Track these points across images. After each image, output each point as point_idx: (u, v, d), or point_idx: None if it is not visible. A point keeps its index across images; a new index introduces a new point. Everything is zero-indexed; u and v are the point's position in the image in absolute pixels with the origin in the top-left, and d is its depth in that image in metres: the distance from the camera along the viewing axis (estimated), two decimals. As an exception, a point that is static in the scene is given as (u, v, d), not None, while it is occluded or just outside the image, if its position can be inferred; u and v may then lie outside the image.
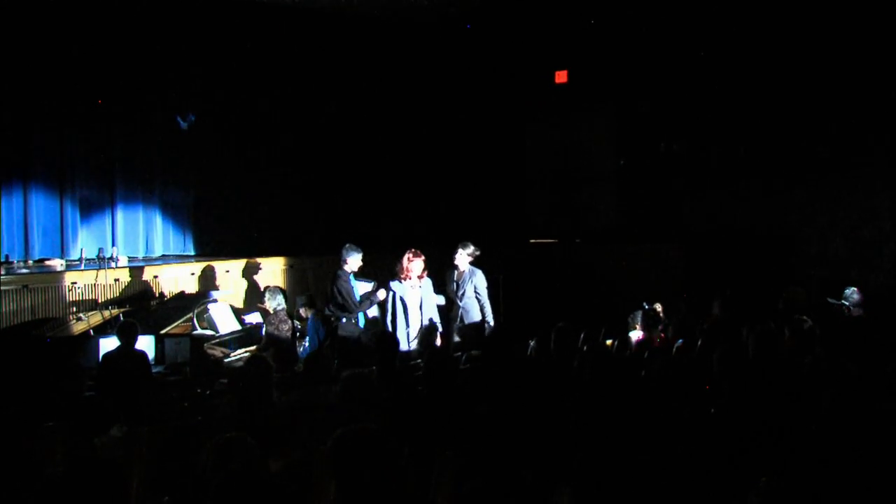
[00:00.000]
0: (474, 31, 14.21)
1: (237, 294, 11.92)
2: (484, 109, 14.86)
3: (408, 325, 9.40)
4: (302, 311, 10.08)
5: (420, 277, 9.52)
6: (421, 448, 4.38)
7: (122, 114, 12.78)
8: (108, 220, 12.88)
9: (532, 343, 8.42)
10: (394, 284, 9.51)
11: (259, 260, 12.32)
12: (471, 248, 9.84)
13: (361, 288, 9.80)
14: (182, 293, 11.49)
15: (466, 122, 14.82)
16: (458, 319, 9.83)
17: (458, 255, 9.85)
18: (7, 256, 11.84)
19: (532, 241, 15.21)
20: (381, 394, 5.52)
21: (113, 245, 12.43)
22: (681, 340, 7.94)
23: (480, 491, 3.05)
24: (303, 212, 14.28)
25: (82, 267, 11.36)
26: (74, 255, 12.20)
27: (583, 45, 14.07)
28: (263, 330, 9.69)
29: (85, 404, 6.21)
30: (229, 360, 9.26)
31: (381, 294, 9.55)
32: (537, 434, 4.69)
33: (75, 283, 10.74)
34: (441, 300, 9.83)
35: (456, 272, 9.89)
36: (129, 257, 12.68)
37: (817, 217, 12.29)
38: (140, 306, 10.93)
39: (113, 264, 11.43)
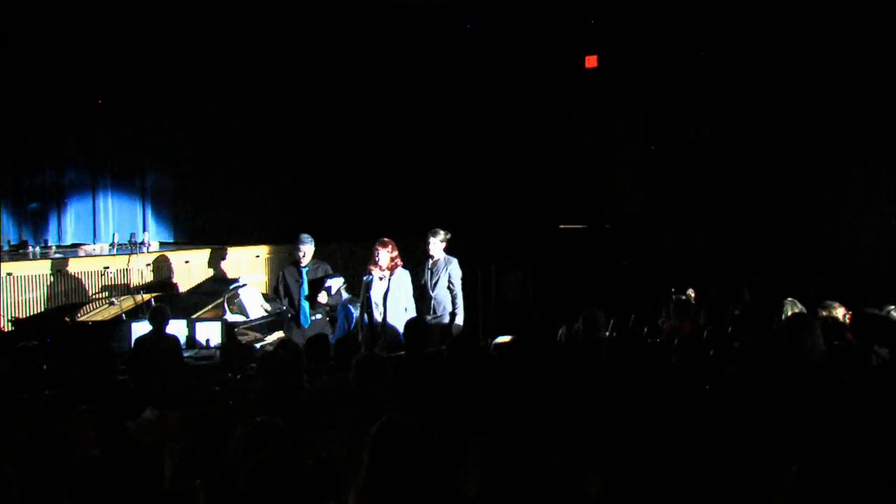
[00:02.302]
0: (502, 15, 14.11)
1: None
2: (512, 95, 14.78)
3: (369, 320, 8.82)
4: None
5: (390, 269, 8.81)
6: (450, 434, 4.39)
7: (150, 101, 12.86)
8: (138, 206, 13.00)
9: (561, 329, 8.41)
10: (365, 277, 8.93)
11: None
12: (442, 234, 9.17)
13: (335, 283, 9.31)
14: (213, 278, 11.57)
15: (494, 108, 14.75)
16: (431, 312, 9.06)
17: (430, 244, 9.15)
18: (46, 241, 12.07)
19: (562, 226, 15.15)
20: (394, 377, 5.53)
21: (144, 230, 12.54)
22: (710, 327, 7.92)
23: (509, 476, 3.05)
24: (322, 200, 14.25)
25: (114, 252, 11.46)
26: (106, 241, 12.33)
27: (613, 30, 13.97)
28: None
29: (117, 388, 6.29)
30: (260, 344, 9.31)
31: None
32: (567, 420, 4.69)
33: (107, 267, 10.85)
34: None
35: (430, 261, 9.21)
36: (160, 242, 12.79)
37: (848, 204, 12.15)
38: (171, 291, 11.03)
39: (144, 249, 11.53)
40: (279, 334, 9.45)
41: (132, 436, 4.99)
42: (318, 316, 9.22)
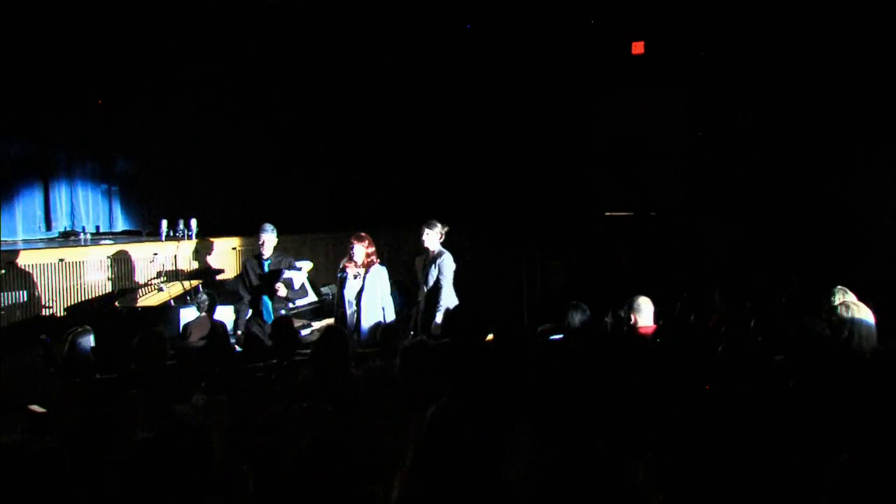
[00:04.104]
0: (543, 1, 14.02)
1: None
2: (557, 81, 14.69)
3: (342, 319, 8.39)
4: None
5: (365, 265, 8.40)
6: (495, 421, 4.40)
7: (188, 92, 12.97)
8: (185, 193, 13.14)
9: (608, 316, 8.36)
10: (339, 274, 8.58)
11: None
12: (438, 227, 8.66)
13: (297, 276, 9.09)
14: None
15: (539, 94, 14.67)
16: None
17: (426, 236, 8.64)
18: (98, 227, 12.29)
19: (607, 214, 15.05)
20: (441, 364, 5.54)
21: (191, 218, 12.66)
22: (758, 315, 7.83)
23: (555, 463, 3.05)
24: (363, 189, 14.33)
25: (162, 239, 11.59)
26: (154, 227, 12.49)
27: (660, 16, 13.83)
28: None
29: (167, 373, 6.37)
30: (306, 331, 9.36)
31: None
32: (613, 406, 4.68)
33: (156, 254, 10.98)
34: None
35: (426, 255, 8.78)
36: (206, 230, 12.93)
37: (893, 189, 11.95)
38: (218, 277, 11.15)
39: (192, 236, 11.65)
40: (329, 320, 9.49)
41: (181, 420, 5.05)
42: (283, 311, 8.94)
